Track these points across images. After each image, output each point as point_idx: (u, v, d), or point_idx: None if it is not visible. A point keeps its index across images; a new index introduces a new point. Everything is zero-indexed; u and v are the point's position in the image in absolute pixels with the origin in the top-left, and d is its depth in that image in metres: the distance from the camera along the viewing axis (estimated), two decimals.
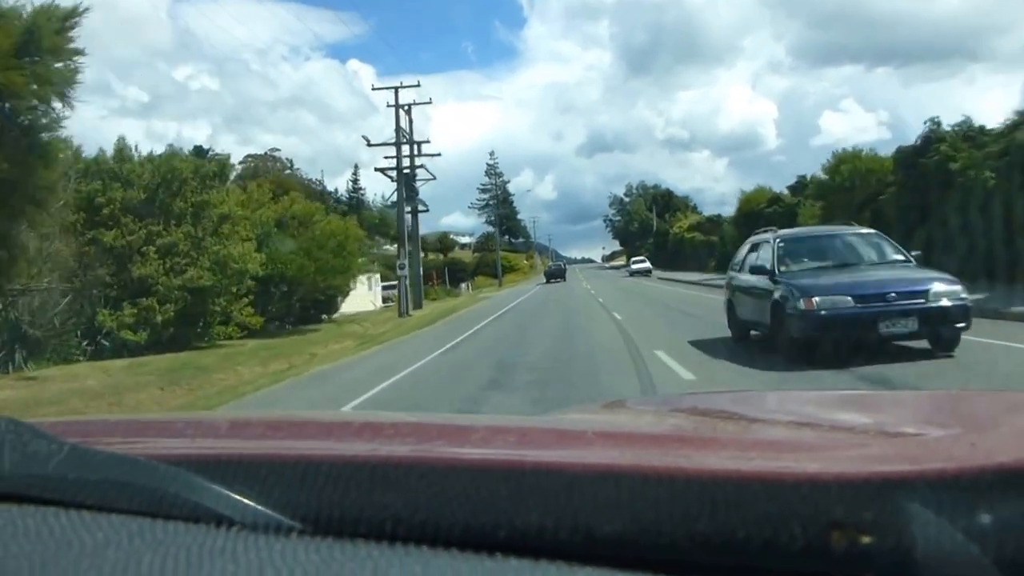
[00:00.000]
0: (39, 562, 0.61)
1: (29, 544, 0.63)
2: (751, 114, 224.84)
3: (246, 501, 0.65)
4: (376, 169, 31.96)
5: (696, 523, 0.55)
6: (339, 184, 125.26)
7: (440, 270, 70.72)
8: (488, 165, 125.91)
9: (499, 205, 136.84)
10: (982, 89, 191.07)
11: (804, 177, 35.17)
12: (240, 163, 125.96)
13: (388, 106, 32.28)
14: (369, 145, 31.95)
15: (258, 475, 0.67)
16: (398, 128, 32.02)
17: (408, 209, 34.74)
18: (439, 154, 34.67)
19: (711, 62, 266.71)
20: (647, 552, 0.56)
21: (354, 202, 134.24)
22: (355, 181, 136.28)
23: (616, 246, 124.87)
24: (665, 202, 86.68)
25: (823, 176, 29.40)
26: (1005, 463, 0.54)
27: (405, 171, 32.70)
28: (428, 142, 34.24)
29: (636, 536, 0.56)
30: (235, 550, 0.59)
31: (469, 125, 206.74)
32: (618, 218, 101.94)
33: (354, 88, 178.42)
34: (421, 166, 34.01)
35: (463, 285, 66.64)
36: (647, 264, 58.01)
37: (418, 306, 34.32)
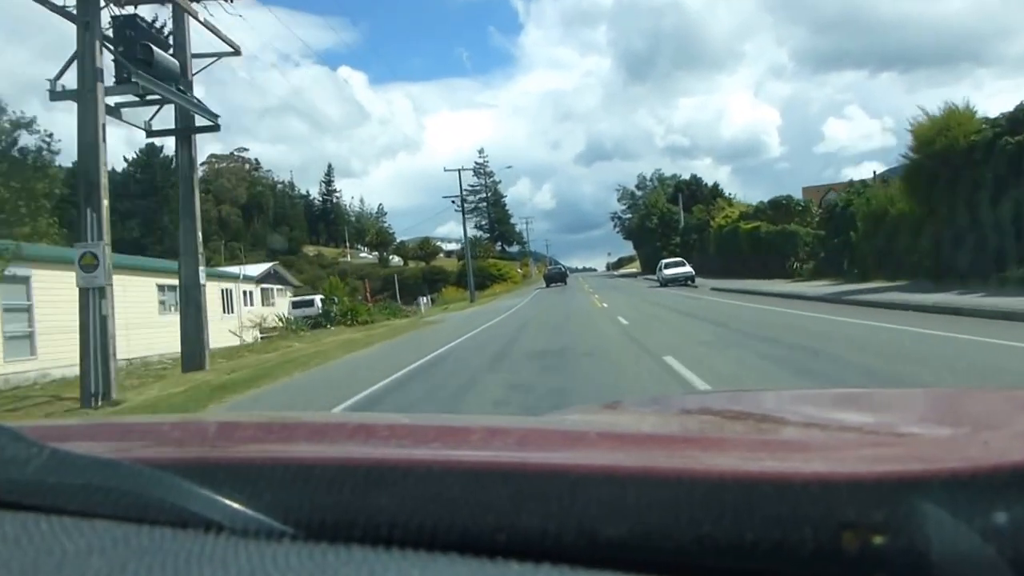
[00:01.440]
0: (18, 570, 0.57)
1: (7, 551, 0.60)
2: (754, 121, 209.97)
3: (236, 505, 0.61)
4: None
5: (703, 526, 0.53)
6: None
7: (364, 279, 50.90)
8: (476, 164, 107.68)
9: (490, 208, 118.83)
10: (990, 94, 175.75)
11: None
12: (202, 164, 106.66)
13: None
14: None
15: (248, 479, 0.63)
16: None
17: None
18: None
19: (712, 68, 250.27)
20: (653, 556, 0.54)
21: (328, 206, 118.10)
22: (328, 183, 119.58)
23: (624, 250, 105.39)
24: (692, 192, 66.61)
25: None
26: (1020, 461, 0.52)
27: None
28: None
29: (642, 539, 0.54)
30: (225, 556, 0.56)
31: (464, 134, 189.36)
32: (629, 215, 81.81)
33: (344, 95, 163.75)
34: None
35: (423, 299, 46.54)
36: (687, 268, 37.76)
37: (195, 364, 14.17)
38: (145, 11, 12.73)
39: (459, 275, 70.54)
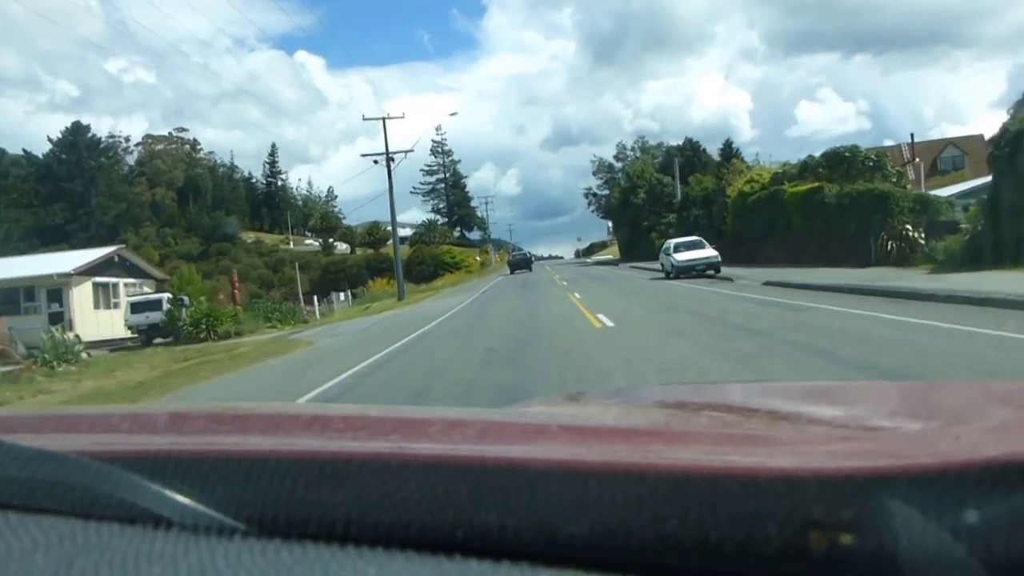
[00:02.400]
0: None
1: None
2: (724, 104, 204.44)
3: (186, 501, 0.61)
4: None
5: (666, 523, 0.52)
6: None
7: (224, 275, 37.73)
8: (434, 142, 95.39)
9: (448, 190, 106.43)
10: (966, 76, 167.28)
11: None
12: (137, 145, 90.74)
13: None
14: None
15: (199, 472, 0.63)
16: None
17: None
18: None
19: (681, 50, 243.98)
20: (614, 553, 0.53)
21: (272, 189, 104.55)
22: (272, 164, 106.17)
23: (594, 234, 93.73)
24: (688, 159, 54.82)
25: None
26: (992, 457, 0.51)
27: None
28: None
29: (603, 537, 0.53)
30: (174, 553, 0.56)
31: (426, 118, 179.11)
32: (606, 191, 69.65)
33: (302, 80, 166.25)
34: None
35: (341, 296, 33.83)
36: (710, 251, 26.13)
37: None
38: None
39: (409, 263, 58.03)
